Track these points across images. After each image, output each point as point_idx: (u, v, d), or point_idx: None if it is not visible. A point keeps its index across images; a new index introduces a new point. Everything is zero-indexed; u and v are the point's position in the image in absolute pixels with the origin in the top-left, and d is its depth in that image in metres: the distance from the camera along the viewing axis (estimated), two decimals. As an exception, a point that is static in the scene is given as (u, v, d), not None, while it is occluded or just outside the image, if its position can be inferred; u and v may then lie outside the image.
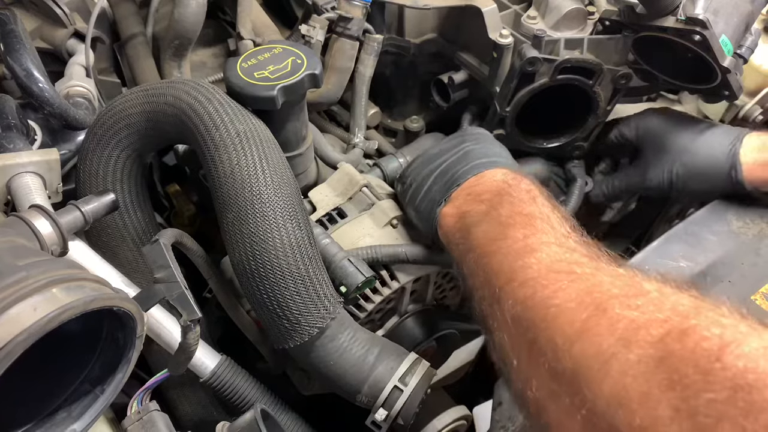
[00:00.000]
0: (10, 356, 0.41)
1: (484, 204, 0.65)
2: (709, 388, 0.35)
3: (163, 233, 0.67)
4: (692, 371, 0.36)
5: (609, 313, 0.43)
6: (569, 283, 0.48)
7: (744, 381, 0.34)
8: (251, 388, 0.72)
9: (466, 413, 0.85)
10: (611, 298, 0.44)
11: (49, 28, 0.94)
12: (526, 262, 0.52)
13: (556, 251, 0.53)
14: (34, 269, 0.45)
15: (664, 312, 0.41)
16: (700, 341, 0.37)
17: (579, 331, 0.43)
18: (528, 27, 0.93)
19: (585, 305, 0.44)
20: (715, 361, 0.36)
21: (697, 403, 0.35)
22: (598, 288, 0.46)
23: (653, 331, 0.39)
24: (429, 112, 1.12)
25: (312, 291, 0.66)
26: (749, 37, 0.84)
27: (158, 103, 0.71)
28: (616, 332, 0.41)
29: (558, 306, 0.46)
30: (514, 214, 0.60)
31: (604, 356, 0.40)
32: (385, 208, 0.82)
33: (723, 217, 0.84)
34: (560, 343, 0.44)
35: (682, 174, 0.87)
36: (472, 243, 0.62)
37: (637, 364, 0.38)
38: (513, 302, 0.50)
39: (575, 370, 0.42)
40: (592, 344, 0.42)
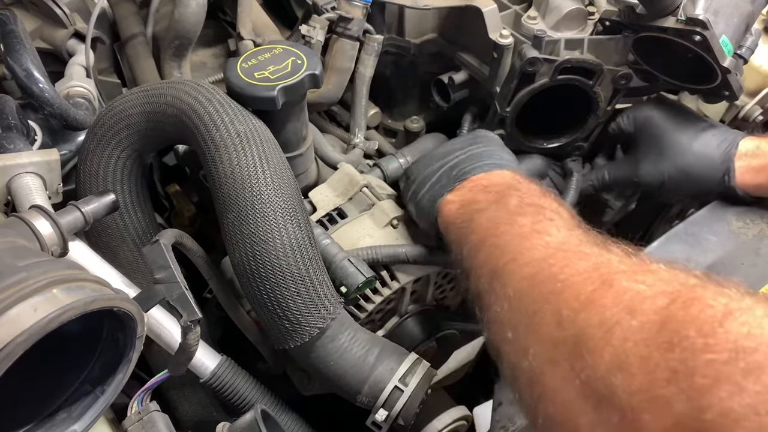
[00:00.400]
0: (11, 357, 0.41)
1: (492, 194, 0.65)
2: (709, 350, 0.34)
3: (164, 234, 0.67)
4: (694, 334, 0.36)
5: (615, 286, 0.43)
6: (577, 260, 0.48)
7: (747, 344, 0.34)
8: (251, 388, 0.72)
9: (466, 413, 0.85)
10: (618, 273, 0.44)
11: (49, 29, 0.94)
12: (533, 243, 0.53)
13: (565, 234, 0.53)
14: (34, 270, 0.45)
15: (672, 285, 0.41)
16: (705, 308, 0.37)
17: (584, 302, 0.43)
18: (528, 27, 0.93)
19: (591, 279, 0.45)
20: (718, 326, 0.35)
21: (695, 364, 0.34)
22: (606, 265, 0.46)
23: (659, 301, 0.40)
24: (429, 112, 1.12)
25: (312, 291, 0.66)
26: (749, 37, 0.84)
27: (158, 104, 0.71)
28: (621, 302, 0.41)
29: (564, 281, 0.47)
30: (523, 204, 0.60)
31: (608, 324, 0.40)
32: (386, 208, 0.82)
33: (723, 217, 0.84)
34: (565, 313, 0.44)
35: (675, 175, 0.87)
36: (475, 226, 0.62)
37: (640, 330, 0.39)
38: (518, 278, 0.51)
39: (578, 336, 0.42)
40: (597, 313, 0.42)
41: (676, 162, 0.87)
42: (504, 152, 0.78)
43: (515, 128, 0.93)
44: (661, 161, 0.88)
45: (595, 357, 0.40)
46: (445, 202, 0.71)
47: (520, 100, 0.88)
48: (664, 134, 0.89)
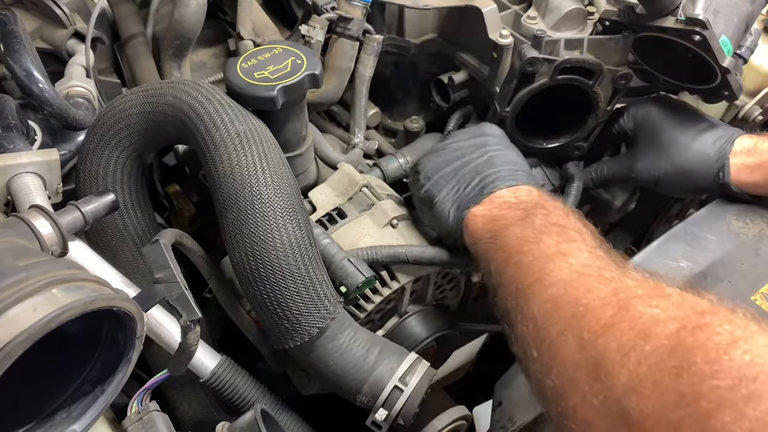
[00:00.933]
0: (10, 357, 0.41)
1: (520, 211, 0.67)
2: (714, 376, 0.37)
3: (163, 233, 0.67)
4: (701, 360, 0.38)
5: (632, 311, 0.45)
6: (597, 285, 0.51)
7: (749, 372, 0.36)
8: (251, 388, 0.72)
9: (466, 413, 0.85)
10: (635, 298, 0.47)
11: (49, 29, 0.94)
12: (557, 265, 0.55)
13: (587, 257, 0.56)
14: (34, 270, 0.45)
15: (684, 311, 0.43)
16: (712, 335, 0.39)
17: (604, 327, 0.46)
18: (528, 27, 0.93)
19: (611, 304, 0.47)
20: (723, 353, 0.37)
21: (701, 389, 0.37)
22: (624, 289, 0.49)
23: (670, 325, 0.42)
24: (429, 112, 1.12)
25: (312, 291, 0.66)
26: (749, 37, 0.84)
27: (158, 104, 0.71)
28: (637, 327, 0.44)
29: (586, 305, 0.49)
30: (548, 223, 0.62)
31: (625, 348, 0.43)
32: (385, 208, 0.82)
33: (723, 217, 0.84)
34: (586, 337, 0.47)
35: (671, 172, 0.87)
36: (503, 243, 0.64)
37: (653, 354, 0.41)
38: (542, 299, 0.53)
39: (597, 359, 0.45)
40: (615, 338, 0.44)
41: (672, 158, 0.87)
42: (516, 154, 0.79)
43: (515, 128, 0.92)
44: (658, 157, 0.89)
45: (612, 379, 0.43)
46: (472, 216, 0.71)
47: (520, 100, 0.88)
48: (661, 131, 0.90)
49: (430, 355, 0.82)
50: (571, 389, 0.47)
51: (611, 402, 0.42)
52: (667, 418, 0.38)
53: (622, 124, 0.95)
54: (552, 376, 0.49)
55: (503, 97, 0.88)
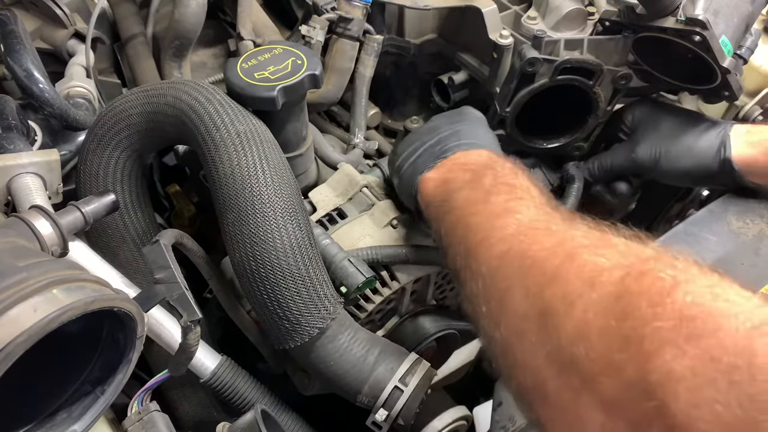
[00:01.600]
0: (11, 357, 0.41)
1: (469, 173, 0.67)
2: (656, 318, 0.38)
3: (164, 234, 0.67)
4: (645, 305, 0.39)
5: (578, 260, 0.46)
6: (544, 237, 0.51)
7: (689, 312, 0.37)
8: (251, 388, 0.72)
9: (466, 413, 0.86)
10: (581, 248, 0.47)
11: (49, 29, 0.94)
12: (505, 222, 0.56)
13: (534, 212, 0.57)
14: (34, 270, 0.45)
15: (628, 258, 0.44)
16: (655, 281, 0.40)
17: (550, 277, 0.47)
18: (528, 27, 0.93)
19: (557, 255, 0.48)
20: (666, 296, 0.38)
21: (644, 332, 0.38)
22: (570, 240, 0.49)
23: (615, 273, 0.43)
24: (429, 112, 1.12)
25: (312, 291, 0.66)
26: (749, 37, 0.84)
27: (158, 104, 0.71)
28: (583, 275, 0.44)
29: (533, 257, 0.50)
30: (497, 183, 0.63)
31: (571, 297, 0.44)
32: (385, 208, 0.82)
33: (723, 217, 0.84)
34: (532, 288, 0.48)
35: (672, 150, 0.88)
36: (452, 204, 0.65)
37: (598, 302, 0.42)
38: (490, 256, 0.54)
39: (544, 310, 0.45)
40: (561, 287, 0.45)
41: (672, 137, 0.88)
42: (485, 131, 0.79)
43: (515, 128, 0.93)
44: (658, 139, 0.89)
45: (559, 328, 0.43)
46: (424, 179, 0.72)
47: (520, 100, 0.88)
48: (661, 118, 0.91)
49: (430, 356, 0.82)
50: (518, 341, 0.47)
51: (559, 350, 0.43)
52: (612, 361, 0.39)
53: (627, 123, 0.95)
54: (500, 329, 0.49)
55: (503, 97, 0.88)
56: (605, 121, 0.95)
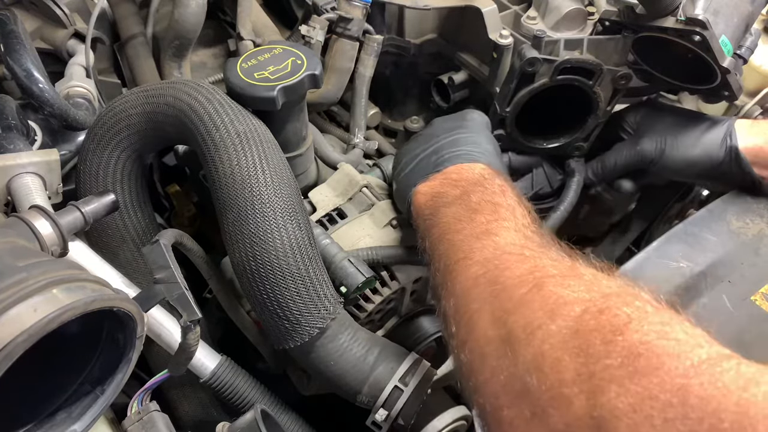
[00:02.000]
0: (10, 357, 0.41)
1: (459, 189, 0.68)
2: (607, 356, 0.39)
3: (164, 234, 0.67)
4: (599, 342, 0.40)
5: (544, 290, 0.47)
6: (516, 264, 0.52)
7: (636, 350, 0.38)
8: (251, 388, 0.72)
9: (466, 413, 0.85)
10: (549, 277, 0.48)
11: (49, 29, 0.94)
12: (483, 243, 0.57)
13: (513, 237, 0.57)
14: (34, 270, 0.45)
15: (591, 293, 0.45)
16: (611, 318, 0.41)
17: (516, 305, 0.48)
18: (528, 27, 0.93)
19: (526, 283, 0.49)
20: (618, 334, 0.40)
21: (595, 368, 0.39)
22: (540, 269, 0.50)
23: (577, 307, 0.44)
24: (429, 112, 1.12)
25: (312, 291, 0.66)
26: (749, 37, 0.84)
27: (158, 104, 0.71)
28: (546, 306, 0.45)
29: (503, 283, 0.51)
30: (483, 201, 0.64)
31: (532, 326, 0.45)
32: (385, 208, 0.82)
33: (723, 217, 0.84)
34: (498, 314, 0.49)
35: (678, 140, 0.88)
36: (439, 220, 0.65)
37: (557, 334, 0.43)
38: (465, 277, 0.55)
39: (506, 337, 0.46)
40: (524, 316, 0.46)
41: (678, 128, 0.88)
42: (486, 138, 0.79)
43: (515, 128, 0.93)
44: (663, 131, 0.90)
45: (517, 356, 0.45)
46: (417, 192, 0.72)
47: (520, 100, 0.88)
48: (664, 114, 0.92)
49: (430, 355, 0.82)
50: (481, 364, 0.49)
51: (515, 378, 0.44)
52: (562, 394, 0.40)
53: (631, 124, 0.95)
54: (465, 350, 0.51)
55: (503, 97, 0.88)
56: (605, 121, 0.95)
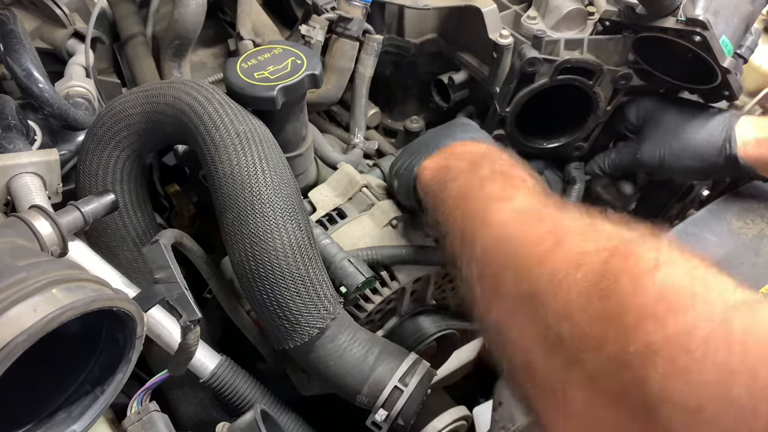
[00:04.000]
0: (10, 357, 0.41)
1: (466, 162, 0.68)
2: (638, 294, 0.39)
3: (163, 234, 0.67)
4: (626, 282, 0.40)
5: (566, 245, 0.48)
6: (536, 223, 0.53)
7: (671, 290, 0.38)
8: (251, 388, 0.72)
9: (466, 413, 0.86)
10: (569, 234, 0.49)
11: (49, 29, 0.94)
12: (500, 207, 0.58)
13: (529, 201, 0.58)
14: (34, 270, 0.45)
15: (613, 242, 0.46)
16: (639, 261, 0.42)
17: (539, 260, 0.48)
18: (528, 27, 0.93)
19: (547, 240, 0.49)
20: (648, 275, 0.40)
21: (626, 307, 0.39)
22: (560, 227, 0.51)
23: (600, 255, 0.44)
24: (429, 112, 1.12)
25: (312, 291, 0.66)
26: (749, 37, 0.84)
27: (158, 104, 0.71)
28: (569, 259, 0.46)
29: (524, 242, 0.52)
30: (493, 173, 0.64)
31: (557, 278, 0.45)
32: (385, 208, 0.81)
33: (723, 217, 0.84)
34: (523, 272, 0.49)
35: (676, 148, 0.87)
36: (449, 192, 0.66)
37: (583, 281, 0.43)
38: (485, 241, 0.56)
39: (533, 291, 0.47)
40: (549, 269, 0.47)
41: (677, 134, 0.88)
42: (479, 131, 0.80)
43: (515, 128, 0.93)
44: (663, 135, 0.89)
45: (546, 308, 0.45)
46: (421, 169, 0.73)
47: (520, 100, 0.88)
48: (665, 115, 0.91)
49: (430, 356, 0.82)
50: (510, 322, 0.49)
51: (546, 330, 0.44)
52: (594, 338, 0.40)
53: (630, 119, 0.95)
54: (493, 310, 0.52)
55: (503, 97, 0.88)
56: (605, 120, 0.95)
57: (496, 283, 0.52)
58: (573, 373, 0.42)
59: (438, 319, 0.86)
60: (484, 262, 0.55)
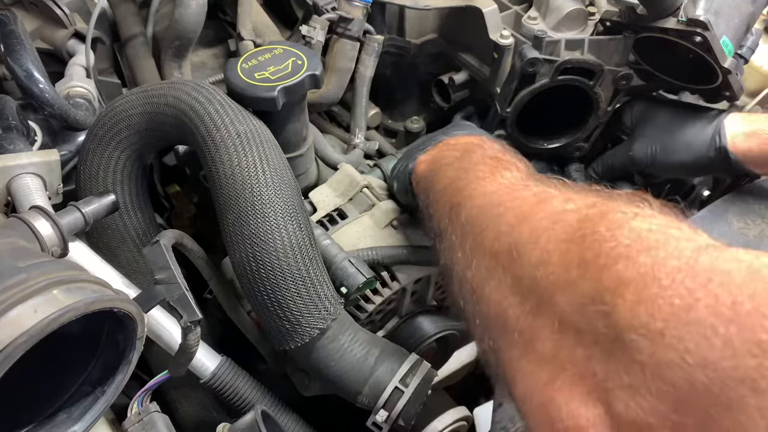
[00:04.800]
0: (11, 358, 0.41)
1: (458, 151, 0.70)
2: (614, 239, 0.40)
3: (164, 234, 0.67)
4: (604, 229, 0.41)
5: (548, 205, 0.49)
6: (521, 190, 0.55)
7: (647, 235, 0.39)
8: (251, 389, 0.72)
9: (466, 414, 0.85)
10: (553, 197, 0.50)
11: (49, 29, 0.94)
12: (488, 181, 0.59)
13: (517, 175, 0.60)
14: (34, 271, 0.45)
15: (594, 200, 0.47)
16: (617, 212, 0.43)
17: (521, 219, 0.50)
18: (529, 28, 0.93)
19: (529, 203, 0.51)
20: (625, 223, 0.41)
21: (601, 250, 0.40)
22: (544, 193, 0.52)
23: (580, 211, 0.45)
24: (429, 112, 1.12)
25: (313, 292, 0.66)
26: (750, 37, 0.84)
27: (159, 104, 0.71)
28: (551, 216, 0.47)
29: (507, 204, 0.53)
30: (485, 157, 0.65)
31: (537, 232, 0.47)
32: (386, 208, 0.81)
33: (723, 217, 0.84)
34: (504, 229, 0.51)
35: (667, 143, 0.88)
36: (440, 176, 0.67)
37: (562, 231, 0.45)
38: (470, 208, 0.57)
39: (512, 245, 0.48)
40: (530, 226, 0.48)
41: (667, 129, 0.89)
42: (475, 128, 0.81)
43: (516, 129, 0.93)
44: (654, 134, 0.90)
45: (523, 259, 0.46)
46: (417, 163, 0.74)
47: (521, 100, 0.88)
48: (656, 114, 0.92)
49: (430, 356, 0.82)
50: (488, 275, 0.50)
51: (522, 278, 0.46)
52: (568, 279, 0.41)
53: (623, 120, 0.96)
54: (472, 268, 0.52)
55: (504, 97, 0.88)
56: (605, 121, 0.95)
57: (477, 242, 0.53)
58: (544, 317, 0.43)
59: (438, 320, 0.86)
60: (468, 226, 0.56)
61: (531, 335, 0.44)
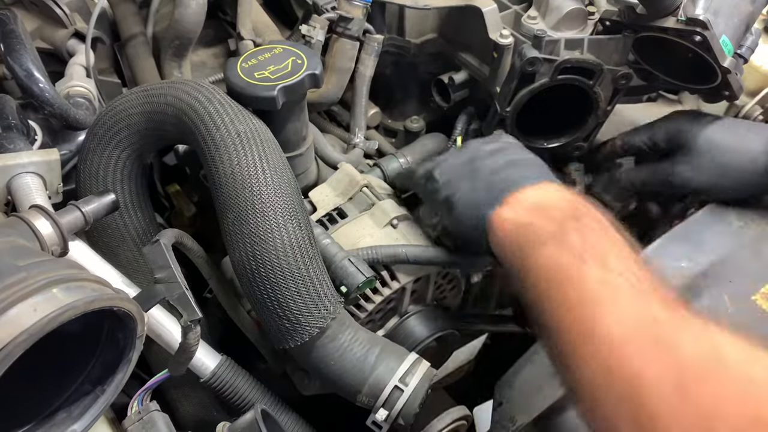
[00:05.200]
0: (10, 357, 0.41)
1: (554, 224, 0.61)
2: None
3: (164, 233, 0.67)
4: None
5: (692, 397, 0.45)
6: (650, 355, 0.48)
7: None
8: (251, 388, 0.72)
9: (466, 413, 0.85)
10: (693, 380, 0.46)
11: (49, 29, 0.95)
12: (606, 322, 0.52)
13: (635, 309, 0.52)
14: (34, 269, 0.45)
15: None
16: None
17: (664, 416, 0.45)
18: (528, 27, 0.93)
19: (666, 383, 0.46)
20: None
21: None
22: (682, 366, 0.47)
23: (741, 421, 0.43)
24: (429, 112, 1.12)
25: (312, 291, 0.66)
26: (749, 37, 0.84)
27: (159, 104, 0.71)
28: (701, 424, 0.44)
29: (640, 380, 0.48)
30: (587, 246, 0.58)
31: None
32: (386, 208, 0.82)
33: (724, 217, 0.84)
34: (644, 421, 0.46)
35: (714, 168, 0.82)
36: (536, 261, 0.60)
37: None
38: (595, 367, 0.51)
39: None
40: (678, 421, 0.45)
41: (713, 155, 0.82)
42: (535, 156, 0.75)
43: (515, 128, 0.92)
44: (696, 158, 0.83)
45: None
46: (499, 219, 0.66)
47: (520, 100, 0.88)
48: (698, 134, 0.84)
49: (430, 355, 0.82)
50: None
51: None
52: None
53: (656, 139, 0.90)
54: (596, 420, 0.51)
55: (504, 97, 0.88)
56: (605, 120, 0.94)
57: (614, 420, 0.49)
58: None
59: (438, 319, 0.86)
60: (596, 389, 0.51)
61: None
